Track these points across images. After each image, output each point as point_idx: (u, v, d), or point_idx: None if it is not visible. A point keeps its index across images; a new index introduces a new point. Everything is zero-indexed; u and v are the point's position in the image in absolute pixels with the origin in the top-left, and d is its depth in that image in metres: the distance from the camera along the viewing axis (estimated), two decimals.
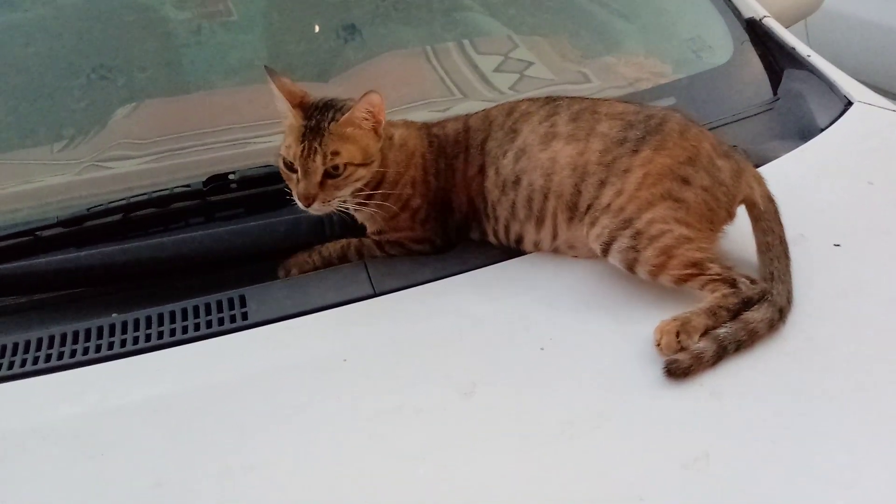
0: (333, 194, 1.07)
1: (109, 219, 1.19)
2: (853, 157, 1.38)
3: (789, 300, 1.00)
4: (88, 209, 1.20)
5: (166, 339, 1.01)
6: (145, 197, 1.21)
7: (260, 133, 1.48)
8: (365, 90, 1.67)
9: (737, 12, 1.76)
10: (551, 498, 0.79)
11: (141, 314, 1.05)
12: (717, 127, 1.46)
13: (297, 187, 1.07)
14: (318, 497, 0.81)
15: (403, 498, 0.79)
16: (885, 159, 1.36)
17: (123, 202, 1.21)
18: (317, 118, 1.07)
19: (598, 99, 1.18)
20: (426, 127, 1.20)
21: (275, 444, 0.86)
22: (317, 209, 1.08)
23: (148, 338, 1.01)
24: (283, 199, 1.22)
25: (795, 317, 0.99)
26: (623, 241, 1.01)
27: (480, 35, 1.94)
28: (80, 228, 1.18)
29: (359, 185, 1.09)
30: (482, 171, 1.14)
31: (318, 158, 1.05)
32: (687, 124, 1.09)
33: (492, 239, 1.16)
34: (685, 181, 1.03)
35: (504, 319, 1.01)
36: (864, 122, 1.46)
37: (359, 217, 1.15)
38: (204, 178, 1.23)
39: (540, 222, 1.09)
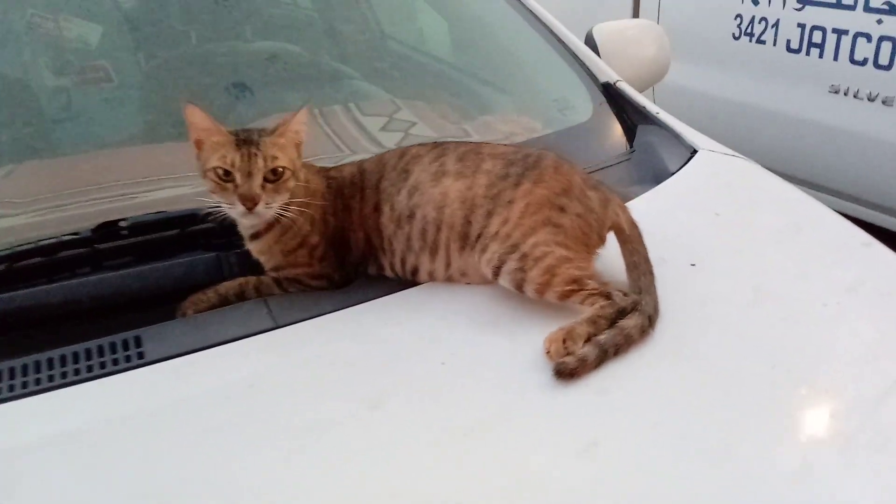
0: (274, 198, 1.11)
1: None
2: (701, 194, 1.57)
3: (656, 309, 1.12)
4: None
5: (57, 381, 0.98)
6: (31, 246, 1.18)
7: (148, 188, 1.49)
8: None
9: (594, 77, 1.97)
10: (460, 493, 0.83)
11: (30, 359, 1.01)
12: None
13: (237, 191, 1.09)
14: None
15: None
16: (728, 194, 1.56)
17: (7, 251, 1.18)
18: (245, 134, 1.13)
19: (481, 143, 1.29)
20: (325, 170, 1.27)
21: (185, 469, 0.85)
22: (260, 212, 1.10)
23: (38, 381, 0.98)
24: (176, 247, 1.24)
25: (663, 323, 1.12)
26: (511, 264, 1.11)
27: (365, 100, 2.06)
28: None
29: (288, 196, 1.13)
30: (377, 208, 1.22)
31: (260, 161, 1.09)
32: (559, 161, 1.22)
33: (389, 273, 1.22)
34: (562, 209, 1.15)
35: (406, 339, 1.07)
36: (707, 165, 1.67)
37: (254, 250, 1.18)
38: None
39: (434, 252, 1.17)
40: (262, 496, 0.82)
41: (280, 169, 1.12)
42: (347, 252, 1.22)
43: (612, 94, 1.93)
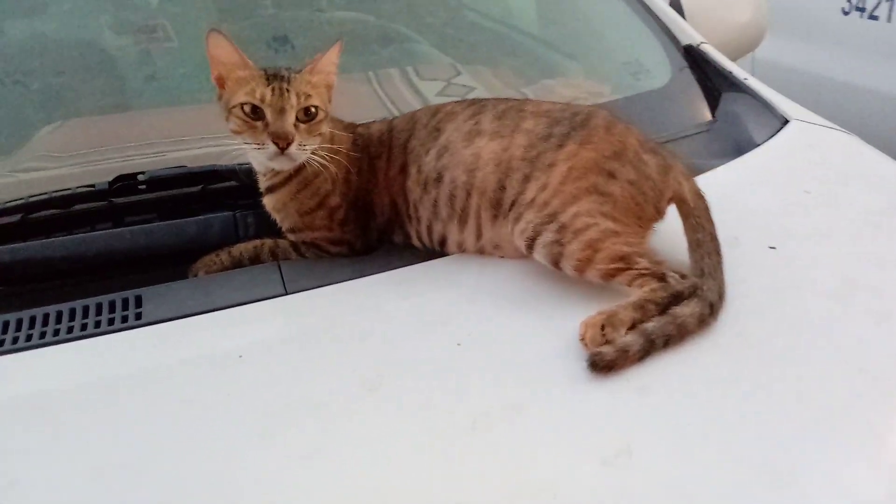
0: (307, 140, 1.01)
1: (6, 219, 1.11)
2: (790, 169, 1.36)
3: (721, 296, 0.95)
4: None
5: (48, 338, 0.92)
6: (45, 196, 1.13)
7: (188, 146, 1.43)
8: None
9: (675, 39, 1.77)
10: (455, 496, 0.70)
11: (25, 314, 0.95)
12: None
13: (268, 129, 0.99)
14: (200, 495, 0.71)
15: (291, 497, 0.70)
16: (821, 170, 1.34)
17: (22, 202, 1.13)
18: (274, 69, 1.03)
19: (525, 99, 1.15)
20: (352, 126, 1.15)
21: (156, 441, 0.76)
22: (293, 154, 1.00)
23: (29, 337, 0.92)
24: (194, 204, 1.16)
25: (727, 314, 0.94)
26: (548, 236, 0.96)
27: (425, 63, 1.94)
28: None
29: (319, 140, 1.04)
30: (404, 170, 1.09)
31: (293, 97, 1.00)
32: (613, 120, 1.06)
33: (416, 242, 1.10)
34: (611, 175, 0.99)
35: (420, 316, 0.95)
36: (800, 137, 1.45)
37: (269, 205, 1.08)
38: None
39: (463, 221, 1.04)
40: (227, 484, 0.72)
41: (313, 108, 1.01)
42: (371, 217, 1.11)
43: (694, 58, 1.73)
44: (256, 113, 1.00)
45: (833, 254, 1.09)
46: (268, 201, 1.09)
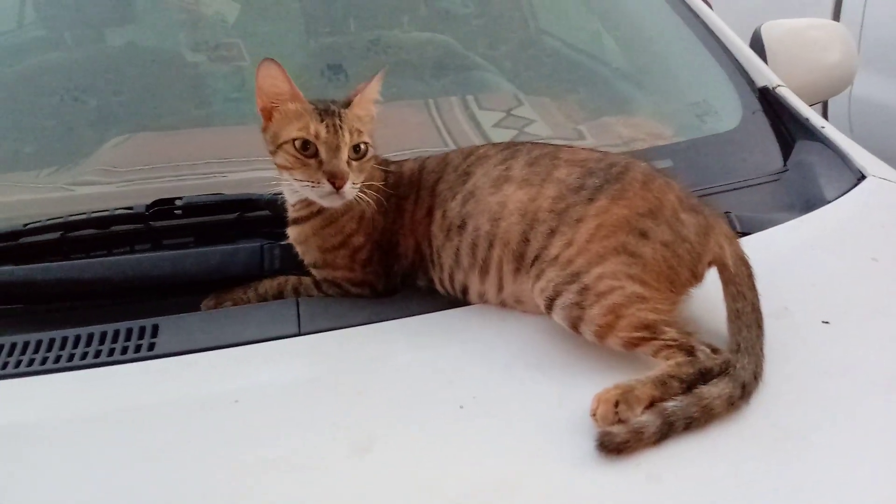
0: (358, 178, 1.00)
1: (45, 236, 1.14)
2: (859, 231, 1.25)
3: (756, 376, 0.86)
4: (25, 225, 1.15)
5: (59, 363, 0.93)
6: (83, 217, 1.16)
7: (240, 167, 1.44)
8: None
9: (749, 80, 1.67)
10: None
11: (34, 337, 0.97)
12: (716, 193, 1.36)
13: (322, 168, 0.98)
14: None
15: None
16: (893, 236, 1.22)
17: (60, 220, 1.16)
18: (322, 104, 1.02)
19: (563, 146, 1.09)
20: (385, 162, 1.13)
21: (129, 485, 0.75)
22: (346, 193, 0.98)
23: (36, 361, 0.93)
24: (232, 230, 1.16)
25: (762, 396, 0.86)
26: (568, 297, 0.90)
27: (488, 92, 1.90)
28: (14, 244, 1.13)
29: (365, 177, 1.02)
30: (430, 213, 1.06)
31: (346, 134, 0.98)
32: (651, 174, 0.99)
33: (439, 288, 1.06)
34: (643, 235, 0.93)
35: (427, 371, 0.90)
36: (876, 196, 1.33)
37: (292, 236, 1.07)
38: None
39: (484, 272, 0.99)
40: None
41: (363, 145, 1.00)
42: (395, 260, 1.08)
43: (769, 102, 1.62)
44: (308, 149, 0.98)
45: (895, 335, 0.97)
46: (291, 232, 1.07)
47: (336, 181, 0.97)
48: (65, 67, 1.80)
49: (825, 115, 3.29)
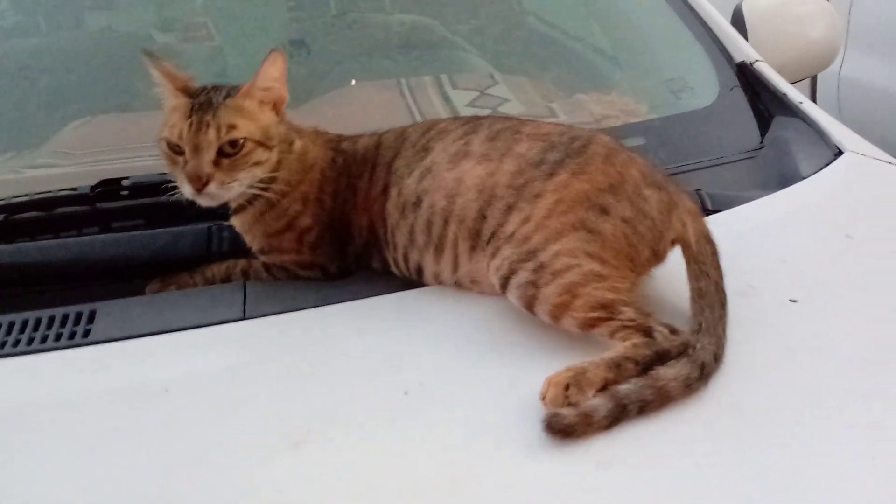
0: (232, 176, 0.94)
1: None
2: (833, 208, 1.21)
3: (717, 357, 0.82)
4: None
5: None
6: (26, 199, 1.11)
7: None
8: (336, 116, 1.58)
9: (727, 55, 1.62)
10: None
11: None
12: (690, 171, 1.32)
13: (184, 169, 0.93)
14: None
15: None
16: (869, 213, 1.18)
17: (2, 202, 1.11)
18: (206, 96, 0.96)
19: (528, 119, 1.04)
20: (336, 140, 1.08)
21: (51, 480, 0.71)
22: (213, 193, 0.93)
23: None
24: (183, 211, 1.12)
25: (723, 378, 0.82)
26: (523, 276, 0.86)
27: (463, 71, 1.85)
28: None
29: (259, 171, 0.96)
30: (385, 191, 1.01)
31: (211, 132, 0.93)
32: (614, 148, 0.94)
33: (393, 269, 1.02)
34: (603, 210, 0.88)
35: (372, 356, 0.86)
36: (852, 172, 1.29)
37: (237, 226, 1.02)
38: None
39: (439, 251, 0.95)
40: None
41: (240, 141, 0.94)
42: (349, 240, 1.03)
43: (747, 77, 1.57)
44: (178, 148, 0.94)
45: (866, 314, 0.93)
46: (235, 222, 1.02)
47: (194, 184, 0.92)
48: (26, 50, 1.74)
49: (813, 96, 3.25)
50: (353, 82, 1.76)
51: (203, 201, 0.95)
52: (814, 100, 3.27)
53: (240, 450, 0.73)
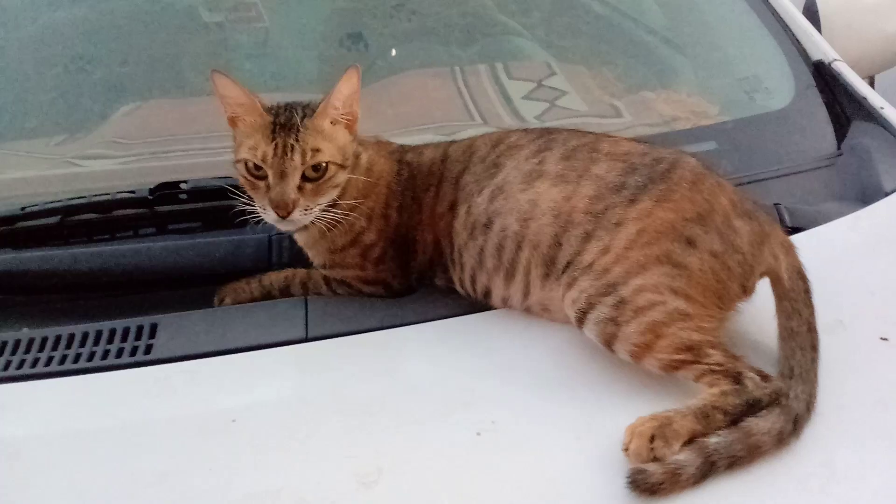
0: (315, 201, 0.91)
1: (44, 221, 1.08)
2: None
3: (809, 407, 0.78)
4: (22, 209, 1.08)
5: (53, 366, 0.87)
6: (83, 201, 1.09)
7: None
8: (385, 104, 1.53)
9: (804, 53, 1.53)
10: None
11: (23, 335, 0.91)
12: (763, 180, 1.25)
13: (268, 194, 0.90)
14: None
15: None
16: None
17: (59, 204, 1.09)
18: (285, 115, 0.92)
19: (604, 135, 0.99)
20: (400, 151, 1.03)
21: None
22: (297, 220, 0.90)
23: (27, 363, 0.87)
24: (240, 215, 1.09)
25: (814, 430, 0.77)
26: (602, 311, 0.82)
27: (518, 59, 1.78)
28: (11, 229, 1.07)
29: (335, 193, 0.93)
30: (453, 208, 0.97)
31: (297, 156, 0.89)
32: (702, 173, 0.88)
33: (459, 288, 0.98)
34: (690, 243, 0.83)
35: (443, 390, 0.83)
36: None
37: (300, 241, 0.99)
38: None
39: (510, 276, 0.91)
40: None
41: (323, 165, 0.90)
42: (413, 256, 0.99)
43: (824, 78, 1.49)
44: (259, 171, 0.90)
45: None
46: (299, 237, 0.99)
47: (279, 211, 0.88)
48: (73, 27, 1.71)
49: (871, 83, 3.10)
50: (393, 52, 1.71)
51: (285, 227, 0.93)
52: (872, 86, 3.13)
53: (309, 490, 0.71)
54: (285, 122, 0.90)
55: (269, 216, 0.90)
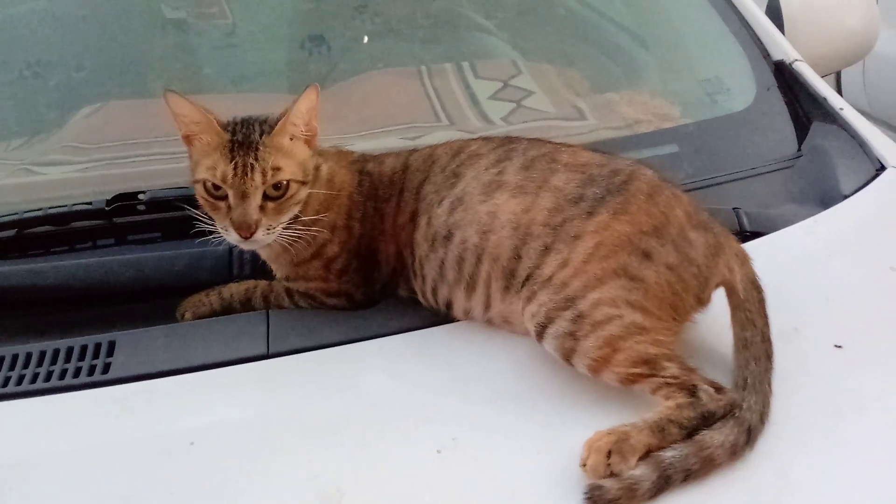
0: (277, 220, 0.90)
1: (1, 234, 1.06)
2: (877, 234, 1.16)
3: (762, 418, 0.79)
4: None
5: (11, 387, 0.85)
6: (40, 213, 1.07)
7: None
8: (348, 106, 1.52)
9: (765, 53, 1.55)
10: None
11: None
12: (724, 183, 1.27)
13: (230, 215, 0.89)
14: None
15: None
16: None
17: (16, 217, 1.07)
18: (242, 132, 0.90)
19: (564, 145, 0.99)
20: (361, 161, 1.03)
21: None
22: (260, 240, 0.90)
23: None
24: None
25: (767, 440, 0.79)
26: (561, 325, 0.82)
27: (485, 58, 1.78)
28: None
29: (297, 209, 0.92)
30: (414, 219, 0.96)
31: (258, 176, 0.88)
32: (658, 185, 0.89)
33: (421, 300, 0.98)
34: (646, 256, 0.84)
35: (404, 406, 0.83)
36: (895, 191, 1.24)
37: (262, 254, 0.99)
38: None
39: (471, 288, 0.91)
40: None
41: (284, 183, 0.89)
42: (375, 268, 0.99)
43: (785, 78, 1.50)
44: (218, 190, 0.89)
45: None
46: (261, 251, 0.98)
47: (242, 232, 0.88)
48: (33, 23, 1.67)
49: (838, 78, 3.15)
50: (366, 39, 1.70)
51: (247, 246, 0.92)
52: (838, 78, 3.17)
53: None
54: (243, 140, 0.88)
55: (232, 237, 0.89)
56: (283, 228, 0.91)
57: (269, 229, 0.89)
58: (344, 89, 1.56)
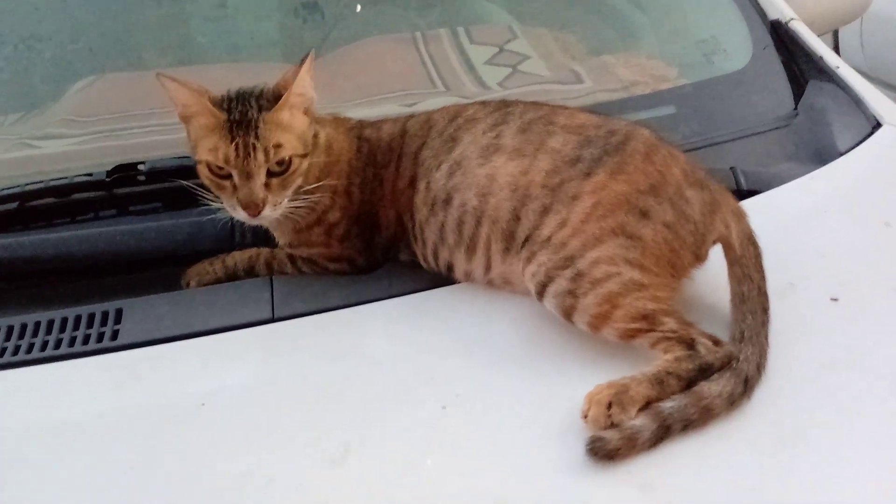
0: (283, 194, 0.91)
1: (2, 207, 1.07)
2: (872, 190, 1.17)
3: (759, 368, 0.81)
4: None
5: (21, 355, 0.87)
6: (41, 185, 1.08)
7: None
8: (343, 74, 1.51)
9: (761, 13, 1.54)
10: None
11: None
12: (721, 143, 1.27)
13: (236, 195, 0.89)
14: None
15: None
16: None
17: (17, 190, 1.08)
18: (238, 110, 0.90)
19: (560, 107, 0.99)
20: (358, 127, 1.03)
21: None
22: (267, 216, 0.91)
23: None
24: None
25: (764, 391, 0.80)
26: (561, 284, 0.84)
27: (480, 23, 1.77)
28: None
29: (301, 180, 0.93)
30: (413, 184, 0.97)
31: (260, 155, 0.88)
32: (655, 144, 0.90)
33: (422, 263, 0.99)
34: (644, 214, 0.85)
35: (407, 366, 0.85)
36: (891, 147, 1.24)
37: (264, 221, 1.00)
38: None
39: (471, 251, 0.92)
40: None
41: (287, 159, 0.90)
42: (376, 232, 1.00)
43: (781, 37, 1.50)
44: (222, 170, 0.90)
45: None
46: (263, 218, 0.99)
47: (250, 211, 0.89)
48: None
49: (835, 34, 3.13)
50: (359, 7, 1.69)
51: (256, 222, 0.93)
52: (836, 39, 3.15)
53: (279, 472, 0.73)
54: (241, 119, 0.88)
55: (240, 215, 0.90)
56: (290, 201, 0.91)
57: (275, 205, 0.90)
58: (339, 57, 1.55)
